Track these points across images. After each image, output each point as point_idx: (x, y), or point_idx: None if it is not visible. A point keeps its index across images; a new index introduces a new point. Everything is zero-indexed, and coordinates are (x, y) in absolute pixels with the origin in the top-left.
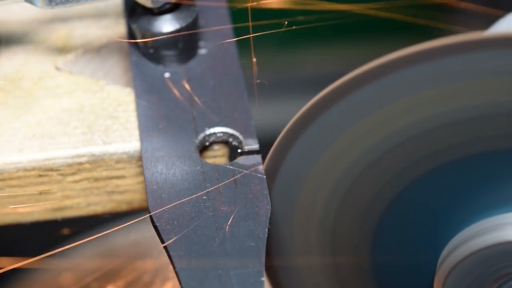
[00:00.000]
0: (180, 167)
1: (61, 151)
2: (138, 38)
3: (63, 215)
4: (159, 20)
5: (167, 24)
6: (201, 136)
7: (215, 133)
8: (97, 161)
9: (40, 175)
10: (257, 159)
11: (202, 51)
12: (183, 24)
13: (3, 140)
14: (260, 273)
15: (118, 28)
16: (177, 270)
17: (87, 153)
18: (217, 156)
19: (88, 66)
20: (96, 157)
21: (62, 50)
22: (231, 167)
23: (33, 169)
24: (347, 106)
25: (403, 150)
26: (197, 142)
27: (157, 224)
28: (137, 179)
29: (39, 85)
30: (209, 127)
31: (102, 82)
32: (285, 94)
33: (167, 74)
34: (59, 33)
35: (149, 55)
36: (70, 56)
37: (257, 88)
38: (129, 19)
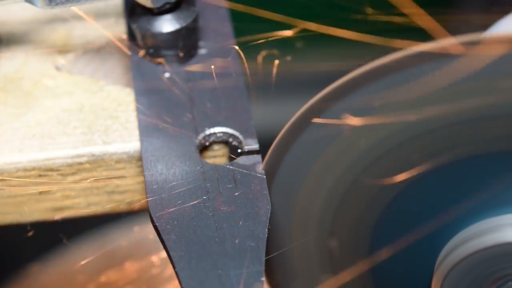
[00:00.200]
0: (180, 167)
1: (61, 151)
2: (138, 38)
3: (63, 215)
4: (159, 20)
5: (167, 24)
6: (201, 136)
7: (215, 133)
8: (97, 161)
9: (40, 175)
10: (257, 159)
11: (202, 51)
12: (183, 24)
13: (3, 140)
14: (260, 273)
15: (118, 28)
16: (177, 270)
17: (87, 153)
18: (217, 156)
19: (88, 66)
20: (96, 157)
21: (62, 50)
22: (231, 167)
23: (33, 169)
24: (346, 106)
25: (402, 151)
26: (197, 142)
27: (157, 224)
28: (137, 179)
29: (39, 85)
30: (209, 127)
31: (102, 82)
32: (285, 94)
33: (167, 74)
34: (59, 33)
35: (149, 55)
36: (70, 56)
37: (257, 88)
38: (129, 19)
